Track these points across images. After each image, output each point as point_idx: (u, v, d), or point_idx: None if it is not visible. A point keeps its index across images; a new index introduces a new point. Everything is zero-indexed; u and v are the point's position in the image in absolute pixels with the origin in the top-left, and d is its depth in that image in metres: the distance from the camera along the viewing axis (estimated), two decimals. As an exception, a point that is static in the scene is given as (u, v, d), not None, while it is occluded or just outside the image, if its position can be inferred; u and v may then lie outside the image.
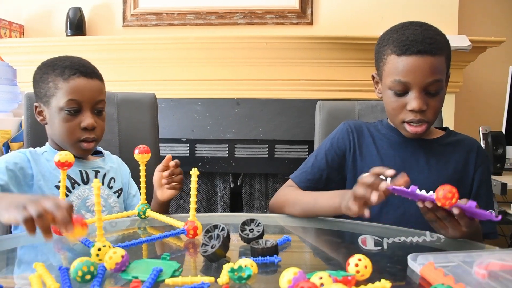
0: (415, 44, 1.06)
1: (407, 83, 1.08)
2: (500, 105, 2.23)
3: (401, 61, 1.08)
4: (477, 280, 0.66)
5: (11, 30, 2.51)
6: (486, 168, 1.19)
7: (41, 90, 1.22)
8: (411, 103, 1.08)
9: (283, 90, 2.37)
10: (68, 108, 1.18)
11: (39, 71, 1.25)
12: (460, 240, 0.94)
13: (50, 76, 1.21)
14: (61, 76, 1.19)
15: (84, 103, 1.20)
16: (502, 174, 2.02)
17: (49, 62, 1.25)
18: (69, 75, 1.19)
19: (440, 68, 1.09)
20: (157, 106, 1.68)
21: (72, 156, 0.91)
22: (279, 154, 2.39)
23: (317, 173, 1.22)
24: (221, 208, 2.50)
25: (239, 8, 2.50)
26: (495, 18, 2.63)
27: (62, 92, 1.18)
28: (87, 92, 1.20)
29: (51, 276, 0.65)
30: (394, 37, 1.11)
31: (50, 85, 1.20)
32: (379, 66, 1.16)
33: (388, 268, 0.78)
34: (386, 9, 2.42)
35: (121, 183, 1.34)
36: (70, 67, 1.21)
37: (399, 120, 1.13)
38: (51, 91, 1.20)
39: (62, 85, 1.19)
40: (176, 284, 0.66)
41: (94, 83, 1.23)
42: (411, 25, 1.12)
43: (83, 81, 1.20)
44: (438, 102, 1.11)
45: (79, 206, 1.20)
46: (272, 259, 0.77)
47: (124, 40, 2.39)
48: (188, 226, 0.89)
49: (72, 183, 1.21)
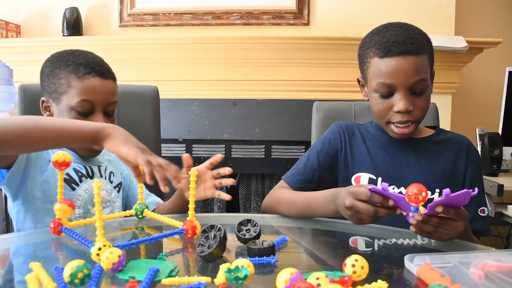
0: (397, 45, 1.06)
1: (392, 84, 1.08)
2: (497, 106, 2.24)
3: (384, 63, 1.08)
4: (473, 281, 0.66)
5: (8, 30, 2.51)
6: (477, 166, 1.20)
7: (51, 85, 1.16)
8: (397, 105, 1.09)
9: (279, 91, 2.37)
10: (80, 109, 1.13)
11: (49, 64, 1.19)
12: (457, 241, 0.94)
13: (63, 72, 1.15)
14: (74, 74, 1.14)
15: (96, 104, 1.15)
16: (498, 175, 2.02)
17: (62, 56, 1.18)
18: (83, 74, 1.14)
19: (424, 67, 1.09)
20: (159, 100, 1.63)
21: (69, 155, 0.90)
22: (276, 155, 2.39)
23: (309, 174, 1.23)
24: (218, 209, 2.49)
25: (236, 8, 2.50)
26: (491, 19, 2.64)
27: (75, 91, 1.13)
28: (101, 93, 1.15)
29: (47, 276, 0.65)
30: (375, 39, 1.11)
31: (62, 82, 1.14)
32: (363, 69, 1.17)
33: (385, 269, 0.78)
34: (383, 10, 2.42)
35: (120, 177, 1.31)
36: (85, 65, 1.15)
37: (386, 122, 1.14)
38: (63, 88, 1.14)
39: (75, 83, 1.13)
40: (173, 284, 0.66)
41: (108, 84, 1.18)
42: (392, 26, 1.12)
43: (98, 81, 1.15)
44: (424, 101, 1.11)
45: (86, 200, 1.17)
46: (269, 260, 0.77)
47: (120, 40, 2.39)
48: (187, 225, 0.89)
49: (80, 176, 1.17)
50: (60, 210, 0.88)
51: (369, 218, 0.88)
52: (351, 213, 0.90)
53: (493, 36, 2.27)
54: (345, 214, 0.93)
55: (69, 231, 0.88)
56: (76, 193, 1.16)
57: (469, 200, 0.81)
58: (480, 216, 1.13)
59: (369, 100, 1.19)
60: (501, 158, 2.02)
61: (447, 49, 2.19)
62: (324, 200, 1.04)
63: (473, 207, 1.13)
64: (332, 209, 1.01)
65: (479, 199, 1.16)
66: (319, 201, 1.06)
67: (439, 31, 2.38)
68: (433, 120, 1.50)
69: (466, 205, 1.13)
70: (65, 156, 0.89)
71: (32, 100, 1.43)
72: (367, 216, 0.88)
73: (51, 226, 0.89)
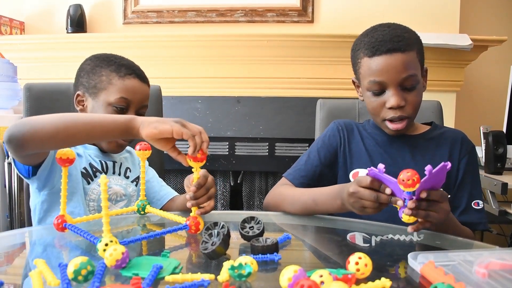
0: (384, 44, 1.11)
1: (382, 82, 1.12)
2: (501, 104, 2.22)
3: (373, 62, 1.12)
4: (477, 279, 0.66)
5: (12, 27, 2.51)
6: (471, 158, 1.21)
7: (91, 81, 1.23)
8: (389, 101, 1.12)
9: (283, 88, 2.37)
10: (118, 105, 1.20)
11: (90, 62, 1.26)
12: (460, 239, 0.94)
13: (104, 70, 1.22)
14: (116, 73, 1.22)
15: (132, 103, 1.22)
16: (502, 174, 2.01)
17: (103, 56, 1.27)
18: (125, 74, 1.22)
19: (413, 63, 1.12)
20: (161, 99, 1.65)
21: (73, 152, 0.91)
22: (280, 152, 2.39)
23: (311, 170, 1.25)
24: (221, 206, 2.50)
25: (240, 5, 2.50)
26: (496, 17, 2.63)
27: (115, 88, 1.20)
28: (138, 94, 1.23)
29: (51, 273, 0.65)
30: (364, 40, 1.16)
31: (103, 79, 1.22)
32: (356, 70, 1.21)
33: (388, 267, 0.78)
34: (387, 7, 2.42)
35: (138, 171, 1.32)
36: (127, 66, 1.24)
37: (381, 119, 1.17)
38: (103, 84, 1.21)
39: (116, 81, 1.21)
40: (177, 281, 0.66)
41: (145, 87, 1.26)
42: (380, 26, 1.17)
43: (137, 83, 1.24)
44: (415, 96, 1.14)
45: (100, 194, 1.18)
46: (272, 257, 0.77)
47: (124, 37, 2.40)
48: (190, 221, 0.89)
49: (94, 171, 1.21)
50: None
51: (371, 204, 0.89)
52: (354, 199, 0.92)
53: (498, 34, 2.26)
54: (349, 203, 0.95)
55: (73, 227, 0.88)
56: (91, 187, 1.19)
57: (445, 176, 0.85)
58: (474, 209, 1.15)
59: (364, 99, 1.22)
60: (505, 157, 2.00)
61: (452, 47, 2.18)
62: (330, 195, 1.06)
63: (465, 198, 1.15)
64: (338, 203, 1.02)
65: (472, 191, 1.17)
66: (324, 196, 1.08)
67: (444, 29, 2.38)
68: (437, 118, 1.50)
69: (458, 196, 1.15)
70: (68, 153, 0.90)
71: (37, 99, 1.44)
72: (369, 203, 0.89)
73: (55, 222, 0.89)
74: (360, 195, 0.90)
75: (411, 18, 2.31)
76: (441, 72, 2.28)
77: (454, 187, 1.18)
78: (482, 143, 2.04)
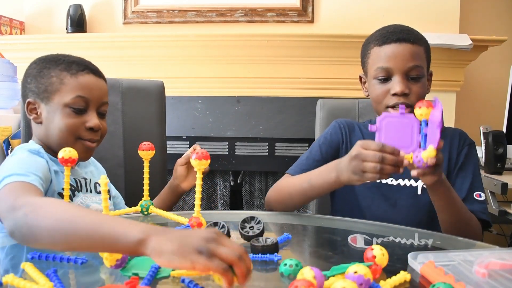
0: (394, 34, 1.16)
1: (389, 68, 1.14)
2: (501, 104, 2.22)
3: (382, 50, 1.16)
4: (477, 279, 0.66)
5: (12, 27, 2.51)
6: (470, 150, 1.22)
7: (40, 85, 1.12)
8: (394, 87, 1.14)
9: (283, 88, 2.36)
10: (75, 105, 1.10)
11: (36, 66, 1.15)
12: (460, 239, 0.94)
13: (54, 71, 1.12)
14: (67, 71, 1.11)
15: (91, 102, 1.12)
16: (502, 174, 2.01)
17: (49, 57, 1.16)
18: (77, 70, 1.12)
19: (420, 55, 1.16)
20: (165, 95, 1.62)
21: (76, 152, 0.90)
22: (279, 152, 2.39)
23: (312, 164, 1.24)
24: (221, 206, 2.50)
25: (240, 5, 2.50)
26: (496, 17, 2.63)
27: (69, 88, 1.10)
28: (96, 90, 1.13)
29: (43, 275, 0.65)
30: (375, 34, 1.21)
31: (54, 80, 1.11)
32: (364, 62, 1.24)
33: (389, 267, 0.78)
34: (387, 7, 2.41)
35: None
36: (78, 62, 1.14)
37: (383, 106, 1.17)
38: (55, 86, 1.11)
39: (69, 80, 1.11)
40: (182, 275, 0.67)
41: (101, 82, 1.17)
42: (391, 24, 1.22)
43: (92, 78, 1.14)
44: (420, 88, 1.15)
45: None
46: (272, 257, 0.77)
47: (124, 37, 2.39)
48: (193, 222, 0.89)
49: (73, 191, 1.14)
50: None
51: (373, 168, 0.89)
52: (356, 163, 0.92)
53: (498, 34, 2.25)
54: (349, 169, 0.94)
55: None
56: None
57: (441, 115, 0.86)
58: (476, 199, 1.15)
59: (369, 90, 1.23)
60: (505, 157, 2.00)
61: (452, 47, 2.18)
62: (325, 169, 1.06)
63: (466, 187, 1.16)
64: (331, 177, 1.02)
65: (474, 183, 1.18)
66: (318, 172, 1.08)
67: (444, 28, 2.37)
68: (437, 118, 1.50)
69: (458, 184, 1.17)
70: (71, 153, 0.89)
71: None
72: (371, 166, 0.89)
73: None
74: (363, 157, 0.91)
75: (411, 18, 2.31)
76: (441, 72, 2.27)
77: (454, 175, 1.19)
78: (482, 143, 2.04)
